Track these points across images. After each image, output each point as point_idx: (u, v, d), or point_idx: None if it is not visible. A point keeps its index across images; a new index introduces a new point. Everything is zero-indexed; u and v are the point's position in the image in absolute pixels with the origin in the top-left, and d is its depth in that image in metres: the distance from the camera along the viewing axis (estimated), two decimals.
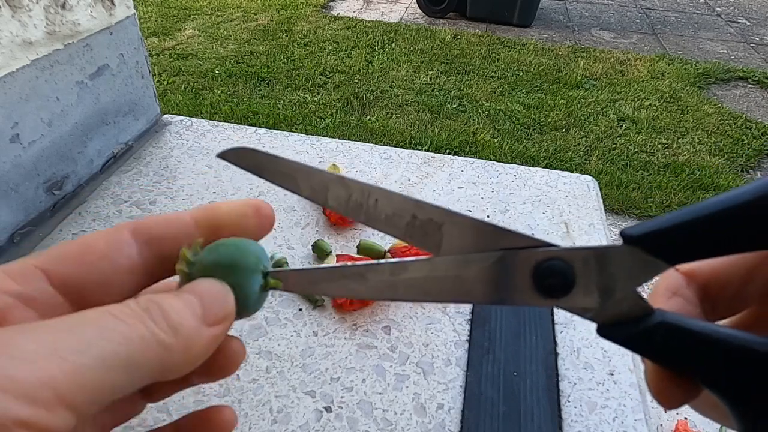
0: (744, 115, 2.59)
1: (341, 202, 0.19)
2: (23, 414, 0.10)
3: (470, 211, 0.65)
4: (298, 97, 2.57)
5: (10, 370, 0.10)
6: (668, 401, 0.18)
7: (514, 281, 0.19)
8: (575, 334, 0.50)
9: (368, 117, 2.45)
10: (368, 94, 2.63)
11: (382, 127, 2.35)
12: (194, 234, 0.19)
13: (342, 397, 0.43)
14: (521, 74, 2.90)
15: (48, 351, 0.11)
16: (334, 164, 0.70)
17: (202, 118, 0.81)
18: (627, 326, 0.18)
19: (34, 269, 0.17)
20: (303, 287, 0.20)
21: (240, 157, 0.20)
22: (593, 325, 0.19)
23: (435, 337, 0.49)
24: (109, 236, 0.18)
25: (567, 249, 0.18)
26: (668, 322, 0.18)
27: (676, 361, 0.18)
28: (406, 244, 0.55)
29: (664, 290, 0.20)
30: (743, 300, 0.20)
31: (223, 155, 0.20)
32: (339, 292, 0.20)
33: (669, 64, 3.06)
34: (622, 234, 0.18)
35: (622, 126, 2.48)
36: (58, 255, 0.17)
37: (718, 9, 4.15)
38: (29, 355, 0.11)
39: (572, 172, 0.73)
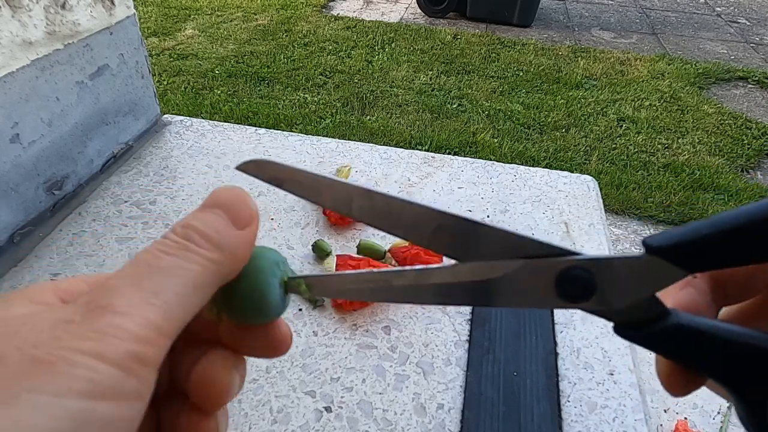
0: (744, 115, 2.59)
1: (366, 213, 0.20)
2: (137, 349, 0.14)
3: (470, 211, 0.65)
4: (298, 97, 2.57)
5: (120, 323, 0.14)
6: (677, 390, 0.20)
7: (537, 288, 0.19)
8: (575, 334, 0.50)
9: (368, 117, 2.45)
10: (368, 94, 2.63)
11: (382, 127, 2.35)
12: None
13: (342, 397, 0.43)
14: (521, 74, 2.90)
15: (138, 301, 0.14)
16: (346, 165, 0.70)
17: (202, 118, 0.81)
18: (643, 327, 0.19)
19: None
20: (327, 293, 0.21)
21: (260, 169, 0.20)
22: (593, 325, 0.19)
23: (435, 337, 0.49)
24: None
25: (590, 259, 0.19)
26: (682, 324, 0.19)
27: (686, 357, 0.19)
28: (407, 245, 0.55)
29: (678, 282, 0.20)
30: (752, 288, 0.21)
31: (244, 168, 0.20)
32: (364, 297, 0.21)
33: (669, 64, 3.06)
34: (645, 243, 0.19)
35: (622, 126, 2.48)
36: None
37: (718, 9, 4.15)
38: (127, 309, 0.14)
39: (572, 172, 0.73)
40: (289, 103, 2.52)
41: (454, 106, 2.57)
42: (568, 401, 0.44)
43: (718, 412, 1.23)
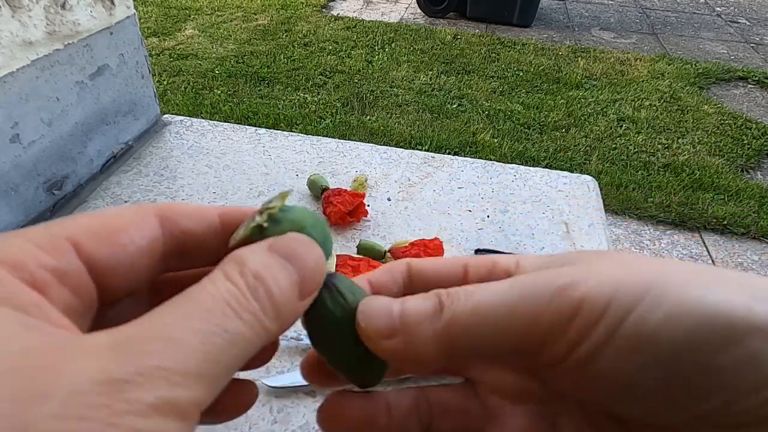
0: (744, 115, 2.59)
1: None
2: (174, 394, 0.12)
3: (470, 211, 0.65)
4: (298, 97, 2.57)
5: (169, 364, 0.12)
6: (313, 379, 0.21)
7: None
8: None
9: (368, 117, 2.45)
10: (368, 94, 2.63)
11: (382, 127, 2.35)
12: (218, 235, 0.19)
13: None
14: (521, 74, 2.90)
15: (194, 373, 0.13)
16: (362, 175, 0.69)
17: (202, 118, 0.81)
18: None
19: (65, 242, 0.15)
20: None
21: None
22: None
23: None
24: (138, 218, 0.17)
25: None
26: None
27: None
28: (407, 245, 0.55)
29: (385, 268, 0.22)
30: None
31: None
32: None
33: (669, 64, 3.06)
34: None
35: (622, 126, 2.48)
36: (87, 229, 0.16)
37: (718, 9, 4.15)
38: (178, 355, 0.13)
39: (572, 172, 0.73)
40: (289, 103, 2.52)
41: (454, 106, 2.57)
42: None
43: None
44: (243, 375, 0.20)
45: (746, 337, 0.14)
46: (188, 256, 0.19)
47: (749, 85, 2.93)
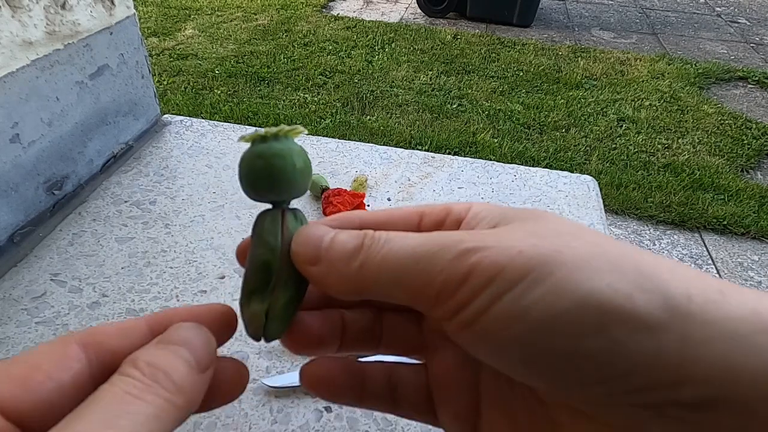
0: (744, 115, 2.59)
1: None
2: None
3: None
4: (298, 97, 2.57)
5: None
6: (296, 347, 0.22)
7: None
8: None
9: (368, 117, 2.45)
10: (368, 94, 2.63)
11: (382, 127, 2.35)
12: (148, 343, 0.19)
13: None
14: (521, 74, 2.90)
15: None
16: (362, 175, 0.68)
17: (202, 118, 0.81)
18: None
19: None
20: None
21: None
22: None
23: None
24: (56, 353, 0.18)
25: None
26: None
27: None
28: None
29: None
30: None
31: None
32: None
33: (669, 64, 3.06)
34: None
35: (622, 126, 2.48)
36: (4, 377, 0.16)
37: (718, 9, 4.15)
38: None
39: (572, 172, 0.73)
40: (289, 103, 2.52)
41: (454, 106, 2.57)
42: None
43: None
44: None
45: (613, 326, 0.15)
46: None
47: (749, 85, 2.93)
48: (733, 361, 0.14)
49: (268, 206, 0.21)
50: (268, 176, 0.20)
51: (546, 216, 0.19)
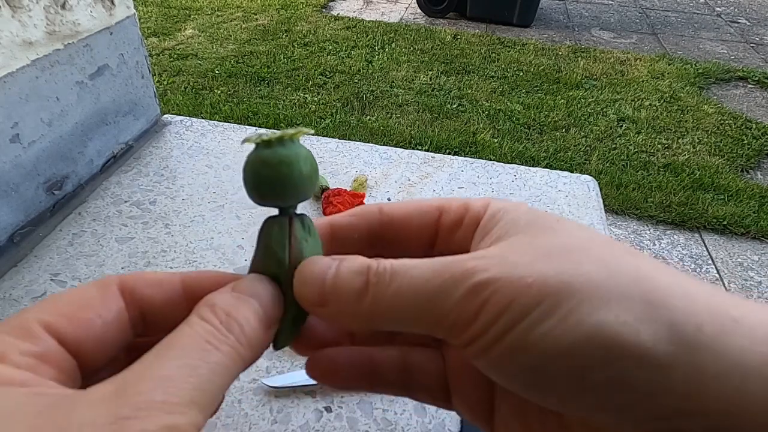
0: (744, 115, 2.59)
1: None
2: (173, 421, 0.14)
3: None
4: (298, 97, 2.57)
5: (164, 398, 0.14)
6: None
7: None
8: None
9: (368, 117, 2.45)
10: (368, 94, 2.63)
11: (382, 127, 2.35)
12: (181, 301, 0.20)
13: (342, 396, 0.43)
14: (521, 74, 2.90)
15: (180, 384, 0.15)
16: (362, 175, 0.68)
17: (202, 118, 0.81)
18: None
19: (38, 326, 0.17)
20: None
21: None
22: None
23: None
24: (102, 293, 0.19)
25: None
26: None
27: None
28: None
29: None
30: None
31: None
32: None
33: (669, 64, 3.06)
34: None
35: (622, 126, 2.48)
36: (56, 311, 0.17)
37: (718, 9, 4.15)
38: (171, 389, 0.15)
39: (572, 172, 0.73)
40: (289, 103, 2.52)
41: (454, 106, 2.57)
42: None
43: None
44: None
45: (619, 360, 0.15)
46: (152, 322, 0.20)
47: (749, 85, 2.93)
48: (745, 393, 0.14)
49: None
50: (274, 184, 0.20)
51: (553, 225, 0.19)
